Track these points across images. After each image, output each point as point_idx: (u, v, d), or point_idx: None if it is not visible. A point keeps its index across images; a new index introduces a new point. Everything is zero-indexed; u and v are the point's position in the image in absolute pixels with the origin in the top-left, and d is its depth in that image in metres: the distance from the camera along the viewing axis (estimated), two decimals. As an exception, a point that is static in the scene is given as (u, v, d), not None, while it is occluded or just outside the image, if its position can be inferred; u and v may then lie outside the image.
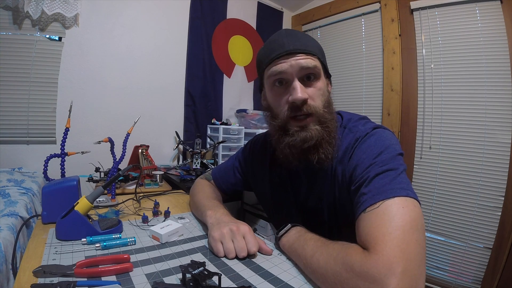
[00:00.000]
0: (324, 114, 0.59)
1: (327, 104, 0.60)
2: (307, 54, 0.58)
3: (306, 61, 0.57)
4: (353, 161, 0.56)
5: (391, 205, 0.44)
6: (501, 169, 1.50)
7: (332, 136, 0.59)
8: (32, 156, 1.47)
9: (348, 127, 0.63)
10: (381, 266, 0.37)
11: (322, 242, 0.51)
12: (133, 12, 1.79)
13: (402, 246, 0.39)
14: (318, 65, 0.59)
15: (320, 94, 0.59)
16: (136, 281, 0.46)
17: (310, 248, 0.51)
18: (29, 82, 1.47)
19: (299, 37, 0.61)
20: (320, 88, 0.60)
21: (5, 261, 0.66)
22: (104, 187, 0.67)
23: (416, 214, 0.43)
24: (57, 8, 1.48)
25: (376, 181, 0.49)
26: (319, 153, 0.58)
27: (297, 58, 0.57)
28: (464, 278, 1.61)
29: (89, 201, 0.63)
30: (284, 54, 0.58)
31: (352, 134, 0.60)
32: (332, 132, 0.59)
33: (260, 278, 0.49)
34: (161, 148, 1.95)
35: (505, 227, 1.47)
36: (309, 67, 0.57)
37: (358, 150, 0.56)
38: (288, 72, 0.58)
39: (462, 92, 1.65)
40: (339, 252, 0.45)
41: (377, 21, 2.04)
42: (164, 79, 1.95)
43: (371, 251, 0.40)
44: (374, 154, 0.53)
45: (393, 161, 0.51)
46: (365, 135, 0.58)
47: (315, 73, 0.59)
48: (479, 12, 1.58)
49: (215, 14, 2.18)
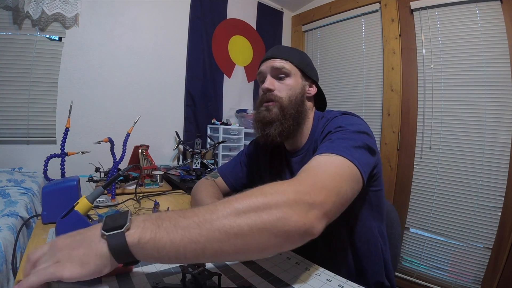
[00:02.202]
0: (285, 103, 0.72)
1: (293, 98, 0.73)
2: (281, 58, 0.75)
3: (277, 63, 0.74)
4: (322, 135, 0.67)
5: (337, 160, 0.51)
6: (501, 169, 1.50)
7: (286, 119, 0.72)
8: (32, 156, 1.47)
9: (325, 117, 0.76)
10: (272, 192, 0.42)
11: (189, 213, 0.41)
12: (133, 12, 1.79)
13: (316, 180, 0.46)
14: (288, 67, 0.74)
15: (287, 89, 0.74)
16: (136, 281, 0.46)
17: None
18: (29, 82, 1.47)
19: (282, 49, 0.78)
20: (287, 85, 0.74)
21: (5, 261, 0.66)
22: (104, 187, 0.67)
23: (344, 170, 0.50)
24: (57, 8, 1.48)
25: (336, 142, 0.57)
26: (271, 128, 0.72)
27: (272, 61, 0.75)
28: (464, 278, 1.61)
29: (89, 201, 0.63)
30: (265, 59, 0.77)
31: (325, 119, 0.74)
32: (287, 116, 0.72)
33: (260, 278, 0.49)
34: (161, 148, 1.95)
35: (505, 227, 1.47)
36: (277, 67, 0.74)
37: (328, 126, 0.68)
38: (264, 71, 0.76)
39: (462, 92, 1.65)
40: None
41: (377, 21, 2.04)
42: (164, 79, 1.95)
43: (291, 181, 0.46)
44: (337, 126, 0.64)
45: (353, 134, 0.60)
46: (334, 117, 0.70)
47: (284, 72, 0.74)
48: (479, 12, 1.58)
49: (215, 14, 2.18)
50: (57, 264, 0.36)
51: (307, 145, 0.77)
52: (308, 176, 0.47)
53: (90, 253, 0.37)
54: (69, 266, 0.36)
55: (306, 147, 0.76)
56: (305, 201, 0.41)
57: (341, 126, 0.63)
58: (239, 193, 0.43)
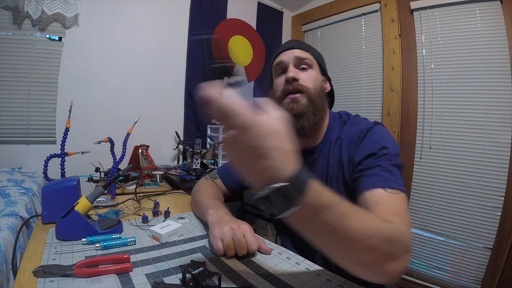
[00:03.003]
0: (312, 93, 0.69)
1: (318, 89, 0.71)
2: (303, 49, 0.73)
3: (300, 53, 0.72)
4: (363, 150, 0.64)
5: (403, 197, 0.55)
6: (501, 169, 1.50)
7: (317, 110, 0.69)
8: (32, 156, 1.47)
9: (350, 121, 0.73)
10: (407, 235, 0.46)
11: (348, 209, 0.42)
12: (133, 12, 1.79)
13: (409, 229, 0.50)
14: (311, 58, 0.72)
15: (312, 80, 0.71)
16: (136, 281, 0.46)
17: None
18: (29, 82, 1.47)
19: (299, 42, 0.76)
20: (312, 76, 0.71)
21: (5, 261, 0.66)
22: (104, 187, 0.67)
23: (407, 207, 0.55)
24: (57, 8, 1.48)
25: (390, 171, 0.58)
26: (302, 121, 0.68)
27: (294, 51, 0.73)
28: (464, 278, 1.61)
29: (89, 201, 0.64)
30: (284, 50, 0.74)
31: (356, 126, 0.70)
32: (318, 107, 0.70)
33: (260, 278, 0.49)
34: (161, 148, 1.95)
35: (505, 227, 1.47)
36: (301, 57, 0.72)
37: (366, 141, 0.65)
38: (285, 61, 0.73)
39: (462, 92, 1.65)
40: (377, 222, 0.44)
41: (377, 21, 2.04)
42: (164, 79, 1.95)
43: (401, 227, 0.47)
44: (381, 146, 0.62)
45: (397, 159, 0.62)
46: (368, 129, 0.67)
47: (308, 63, 0.72)
48: (479, 12, 1.58)
49: (215, 14, 2.18)
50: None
51: (321, 145, 0.74)
52: (403, 220, 0.50)
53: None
54: None
55: (320, 147, 0.74)
56: (408, 249, 0.44)
57: (385, 147, 0.62)
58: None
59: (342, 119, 0.75)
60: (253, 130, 0.31)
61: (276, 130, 0.32)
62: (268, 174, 0.32)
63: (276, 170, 0.32)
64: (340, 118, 0.76)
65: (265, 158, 0.31)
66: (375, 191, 0.55)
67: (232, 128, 0.32)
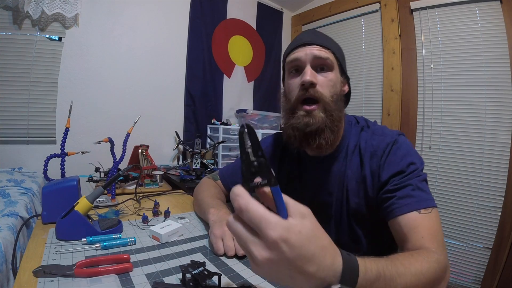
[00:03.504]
0: (330, 103, 0.62)
1: (336, 96, 0.63)
2: (322, 47, 0.63)
3: (320, 52, 0.62)
4: (390, 166, 0.61)
5: (436, 214, 0.55)
6: (501, 169, 1.50)
7: (335, 125, 0.63)
8: (32, 156, 1.47)
9: (371, 130, 0.68)
10: (443, 264, 0.47)
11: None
12: (133, 12, 1.79)
13: (443, 245, 0.52)
14: (332, 58, 0.63)
15: (330, 85, 0.63)
16: (136, 281, 0.46)
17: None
18: (29, 82, 1.47)
19: (318, 35, 0.67)
20: (330, 79, 0.63)
21: (5, 261, 0.66)
22: (104, 187, 0.67)
23: (439, 221, 0.56)
24: (57, 8, 1.48)
25: (420, 188, 0.57)
26: (319, 138, 0.62)
27: (312, 48, 0.63)
28: (464, 278, 1.61)
29: (89, 201, 0.64)
30: (301, 44, 0.64)
31: (380, 137, 0.65)
32: (336, 121, 0.63)
33: (260, 278, 0.49)
34: (161, 148, 1.95)
35: (505, 227, 1.47)
36: (321, 57, 0.62)
37: (393, 156, 0.62)
38: (302, 59, 0.63)
39: (462, 92, 1.65)
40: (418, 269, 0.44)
41: (377, 21, 2.04)
42: (164, 79, 1.95)
43: (438, 253, 0.49)
44: (408, 163, 0.60)
45: (423, 172, 0.60)
46: (394, 142, 0.63)
47: (327, 65, 0.63)
48: (479, 12, 1.58)
49: (215, 14, 2.18)
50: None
51: (336, 152, 0.68)
52: (438, 242, 0.51)
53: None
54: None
55: (335, 154, 0.68)
56: (446, 275, 0.48)
57: (413, 163, 0.60)
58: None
59: (359, 125, 0.70)
60: (290, 242, 0.27)
61: (310, 232, 0.30)
62: (318, 277, 0.29)
63: (325, 270, 0.30)
64: (357, 123, 0.71)
65: (309, 264, 0.29)
66: (410, 215, 0.54)
67: (263, 245, 0.28)
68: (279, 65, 2.65)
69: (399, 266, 0.40)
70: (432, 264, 0.45)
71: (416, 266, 0.42)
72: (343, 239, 0.68)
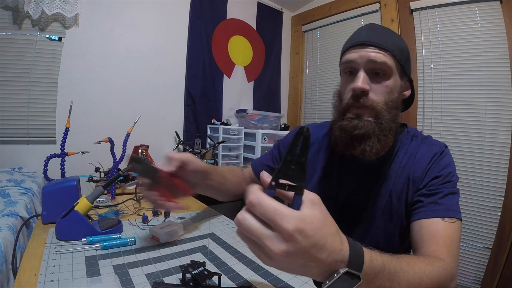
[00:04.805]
0: (382, 111, 0.59)
1: (390, 104, 0.60)
2: (380, 48, 0.58)
3: (376, 55, 0.57)
4: (433, 172, 0.61)
5: (458, 226, 0.55)
6: (501, 169, 1.50)
7: (383, 134, 0.59)
8: (32, 156, 1.47)
9: (420, 138, 0.68)
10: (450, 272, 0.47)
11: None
12: (133, 12, 1.79)
13: (456, 258, 0.52)
14: (390, 63, 0.58)
15: (385, 92, 0.59)
16: (136, 281, 0.46)
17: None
18: (29, 82, 1.47)
19: (379, 32, 0.61)
20: (386, 86, 0.59)
21: (5, 261, 0.66)
22: (104, 187, 0.67)
23: (460, 232, 0.56)
24: (57, 8, 1.48)
25: (450, 198, 0.57)
26: (365, 144, 0.59)
27: (368, 50, 0.58)
28: (464, 278, 1.61)
29: (89, 201, 0.64)
30: (358, 44, 0.60)
31: (430, 147, 0.65)
32: (385, 130, 0.59)
33: (260, 278, 0.50)
34: (161, 148, 1.95)
35: (504, 227, 1.47)
36: (377, 61, 0.57)
37: (437, 163, 0.62)
38: (356, 61, 0.59)
39: (462, 92, 1.65)
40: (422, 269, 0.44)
41: (377, 21, 2.04)
42: (164, 79, 1.95)
43: (446, 261, 0.49)
44: (448, 172, 0.61)
45: (456, 185, 0.61)
46: (441, 152, 0.63)
47: (384, 70, 0.58)
48: (479, 12, 1.58)
49: (215, 14, 2.18)
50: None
51: (386, 156, 0.64)
52: (452, 251, 0.51)
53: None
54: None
55: (382, 159, 0.63)
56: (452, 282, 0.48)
57: (451, 173, 0.61)
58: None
59: (409, 134, 0.68)
60: (305, 232, 0.28)
61: (322, 220, 0.31)
62: (328, 262, 0.31)
63: (334, 256, 0.31)
64: (407, 132, 0.69)
65: (322, 251, 0.30)
66: (433, 220, 0.55)
67: (279, 237, 0.29)
68: (279, 65, 2.65)
69: (403, 263, 0.40)
70: (437, 268, 0.45)
71: (420, 266, 0.42)
72: (370, 244, 0.64)
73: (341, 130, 0.62)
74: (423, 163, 0.62)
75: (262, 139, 2.02)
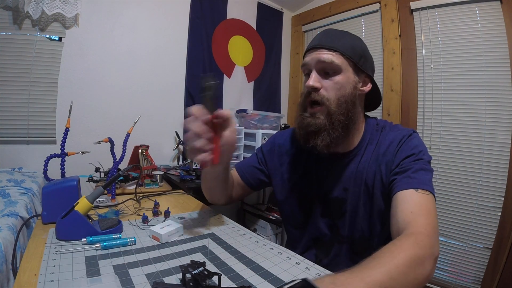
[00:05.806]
0: (333, 108, 0.64)
1: (343, 100, 0.65)
2: (329, 50, 0.64)
3: (324, 56, 0.64)
4: (402, 152, 0.65)
5: (432, 199, 0.57)
6: (501, 169, 1.51)
7: (334, 129, 0.65)
8: (32, 156, 1.47)
9: (389, 127, 0.72)
10: (433, 240, 0.49)
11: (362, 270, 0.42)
12: (133, 12, 1.79)
13: (434, 227, 0.52)
14: (338, 61, 0.64)
15: (336, 88, 0.65)
16: (136, 281, 0.46)
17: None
18: (29, 82, 1.47)
19: (330, 35, 0.67)
20: (337, 82, 0.65)
21: (5, 261, 0.66)
22: (104, 187, 0.67)
23: (435, 207, 0.58)
24: (57, 8, 1.48)
25: (422, 173, 0.60)
26: (317, 139, 0.66)
27: (318, 52, 0.65)
28: (464, 278, 1.61)
29: (89, 201, 0.64)
30: (311, 48, 0.67)
31: (397, 132, 0.69)
32: (336, 126, 0.65)
33: (260, 278, 0.49)
34: (161, 148, 1.95)
35: (505, 227, 1.47)
36: (325, 61, 0.64)
37: (406, 145, 0.66)
38: (309, 63, 0.67)
39: (462, 92, 1.65)
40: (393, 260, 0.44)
41: (377, 21, 2.04)
42: (164, 79, 1.95)
43: (422, 230, 0.50)
44: (419, 151, 0.64)
45: (429, 164, 0.64)
46: (410, 135, 0.68)
47: (333, 68, 0.64)
48: (479, 12, 1.58)
49: (215, 14, 2.18)
50: None
51: (356, 149, 0.71)
52: (429, 219, 0.52)
53: None
54: None
55: (354, 152, 0.71)
56: (434, 255, 0.47)
57: (422, 151, 0.64)
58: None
59: (379, 126, 0.73)
60: None
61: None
62: None
63: None
64: (377, 125, 0.74)
65: None
66: (407, 191, 0.57)
67: None
68: (279, 65, 2.65)
69: (363, 270, 0.40)
70: (407, 247, 0.44)
71: (385, 261, 0.42)
72: (357, 234, 0.69)
73: (299, 127, 0.69)
74: (393, 148, 0.66)
75: (262, 139, 2.02)
